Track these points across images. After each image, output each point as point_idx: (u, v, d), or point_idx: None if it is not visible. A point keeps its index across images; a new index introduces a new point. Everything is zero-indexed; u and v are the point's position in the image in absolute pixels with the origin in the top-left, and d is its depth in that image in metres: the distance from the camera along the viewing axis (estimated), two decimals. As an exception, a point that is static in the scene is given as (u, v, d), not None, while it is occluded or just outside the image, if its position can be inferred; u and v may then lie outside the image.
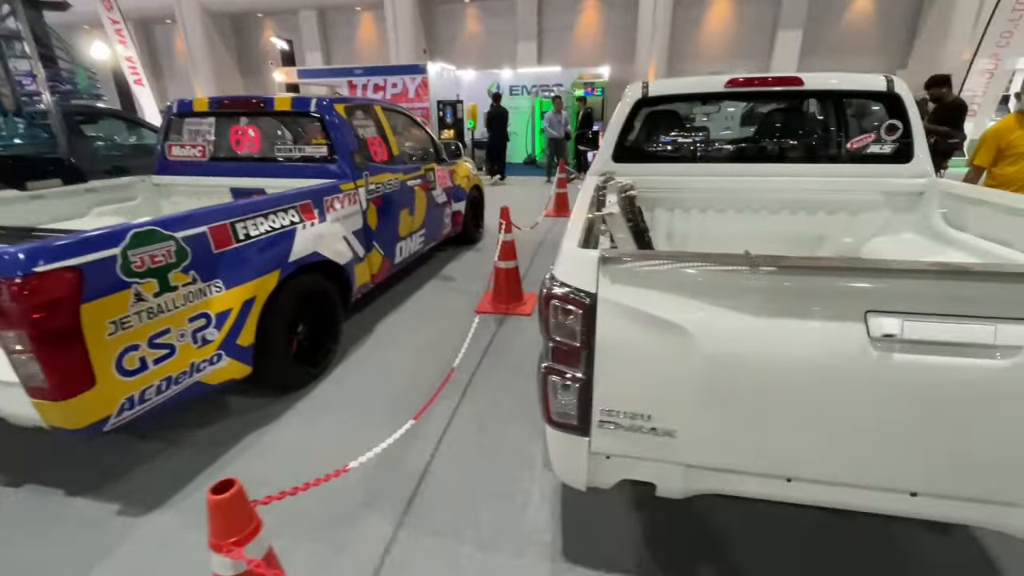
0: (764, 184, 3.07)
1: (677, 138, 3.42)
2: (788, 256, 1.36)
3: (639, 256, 1.40)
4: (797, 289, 1.32)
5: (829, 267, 1.30)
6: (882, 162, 2.97)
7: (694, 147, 3.35)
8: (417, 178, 4.88)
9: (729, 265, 1.33)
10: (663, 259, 1.37)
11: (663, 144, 3.39)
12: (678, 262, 1.36)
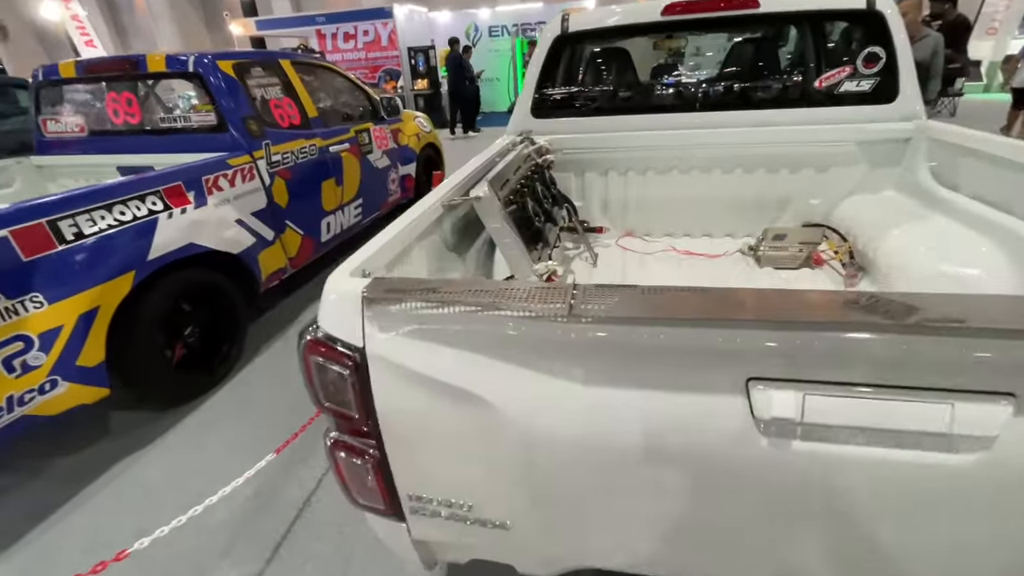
0: (714, 137, 2.50)
1: (609, 85, 2.81)
2: (630, 287, 0.88)
3: (416, 292, 0.92)
4: (640, 346, 0.84)
5: (687, 317, 0.82)
6: (859, 103, 2.38)
7: (629, 95, 2.75)
8: (344, 142, 4.30)
9: (538, 311, 0.85)
10: (448, 302, 0.89)
11: (592, 93, 2.79)
12: (464, 306, 0.88)
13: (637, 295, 0.85)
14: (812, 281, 2.26)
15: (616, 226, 2.89)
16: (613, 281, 2.39)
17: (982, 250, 1.83)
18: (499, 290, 0.88)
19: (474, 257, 1.87)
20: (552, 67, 2.62)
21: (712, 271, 2.42)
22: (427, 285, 0.93)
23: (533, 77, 2.62)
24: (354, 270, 1.06)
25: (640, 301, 0.84)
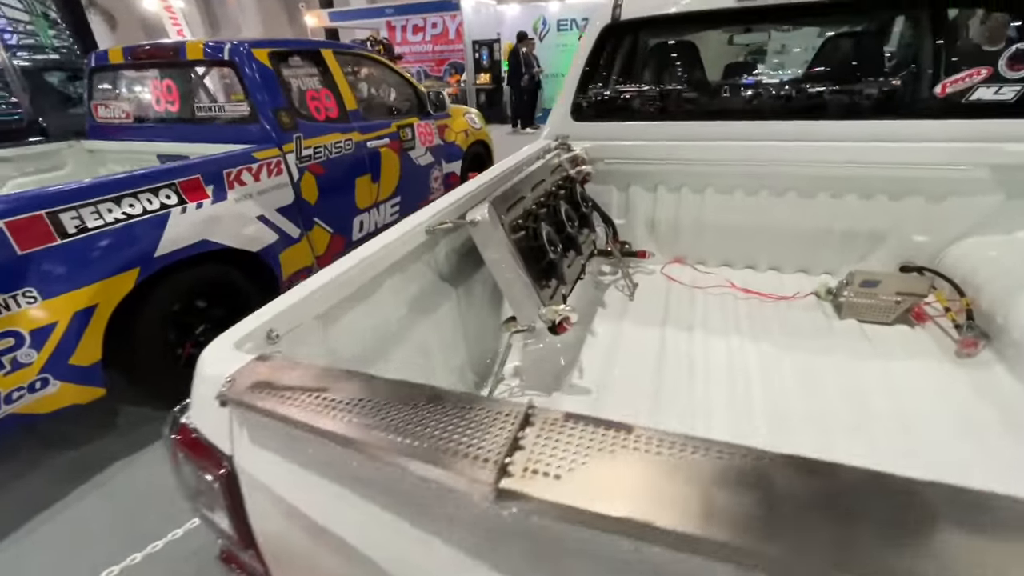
0: (795, 153, 2.03)
1: (668, 85, 2.39)
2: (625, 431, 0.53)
3: (287, 393, 0.61)
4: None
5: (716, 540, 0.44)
6: (996, 115, 1.83)
7: (692, 98, 2.32)
8: (384, 137, 4.11)
9: (444, 480, 0.52)
10: (316, 425, 0.58)
11: (646, 95, 2.38)
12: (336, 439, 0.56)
13: (636, 460, 0.50)
14: (910, 343, 1.76)
15: (664, 251, 2.47)
16: (652, 320, 2.06)
17: None
18: (403, 424, 0.55)
19: (479, 289, 1.56)
20: (599, 62, 2.24)
21: (778, 318, 1.96)
22: (317, 380, 0.62)
23: (576, 74, 2.25)
24: (249, 335, 0.77)
25: (638, 473, 0.48)
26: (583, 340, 1.88)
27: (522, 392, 1.61)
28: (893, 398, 1.50)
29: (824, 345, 1.77)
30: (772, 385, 1.57)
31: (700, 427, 1.43)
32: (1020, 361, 1.52)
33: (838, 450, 1.33)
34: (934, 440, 1.34)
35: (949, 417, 1.42)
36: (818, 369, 1.64)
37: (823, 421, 1.43)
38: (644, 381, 1.63)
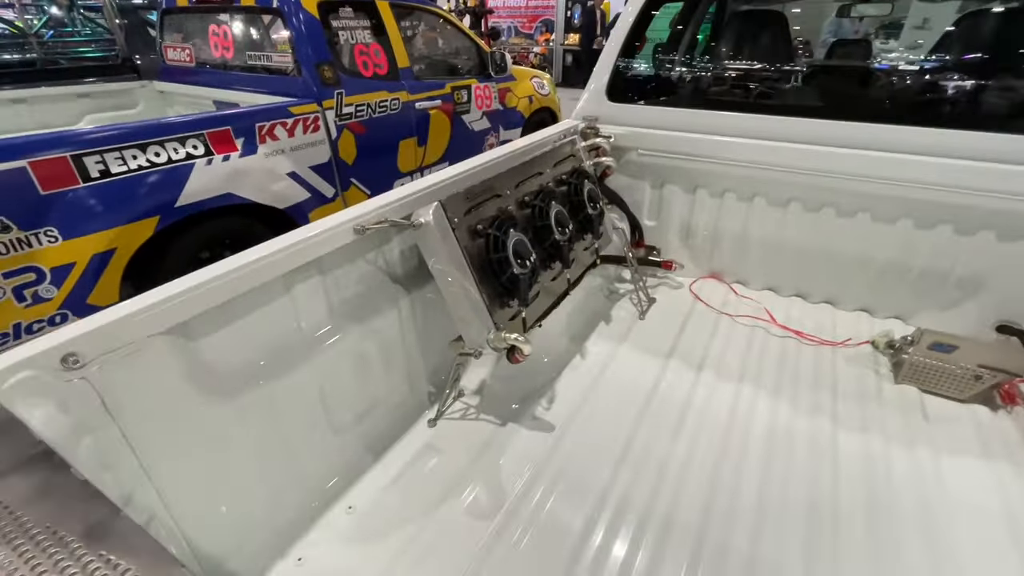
0: (875, 166, 1.60)
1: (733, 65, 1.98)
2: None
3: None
4: None
5: None
6: None
7: (751, 84, 1.90)
8: (435, 98, 3.93)
9: None
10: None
11: (700, 75, 1.98)
12: None
13: None
14: (985, 433, 1.35)
15: (698, 263, 2.11)
16: (657, 348, 1.75)
17: None
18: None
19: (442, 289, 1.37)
20: (644, 30, 1.88)
21: (814, 369, 1.60)
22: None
23: (616, 43, 1.91)
24: (27, 361, 0.65)
25: None
26: (568, 361, 1.64)
27: (476, 415, 1.43)
28: (930, 510, 1.15)
29: (862, 416, 1.41)
30: (774, 463, 1.27)
31: (667, 494, 1.18)
32: None
33: (834, 564, 1.03)
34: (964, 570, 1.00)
35: (1004, 539, 1.06)
36: (843, 450, 1.30)
37: (828, 519, 1.12)
38: (622, 423, 1.39)
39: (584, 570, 1.02)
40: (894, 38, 4.71)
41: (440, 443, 1.35)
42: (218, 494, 0.99)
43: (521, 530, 1.10)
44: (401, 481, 1.25)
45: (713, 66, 2.04)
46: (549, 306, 1.48)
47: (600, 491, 1.19)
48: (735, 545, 1.07)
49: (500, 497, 1.19)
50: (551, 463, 1.27)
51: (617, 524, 1.11)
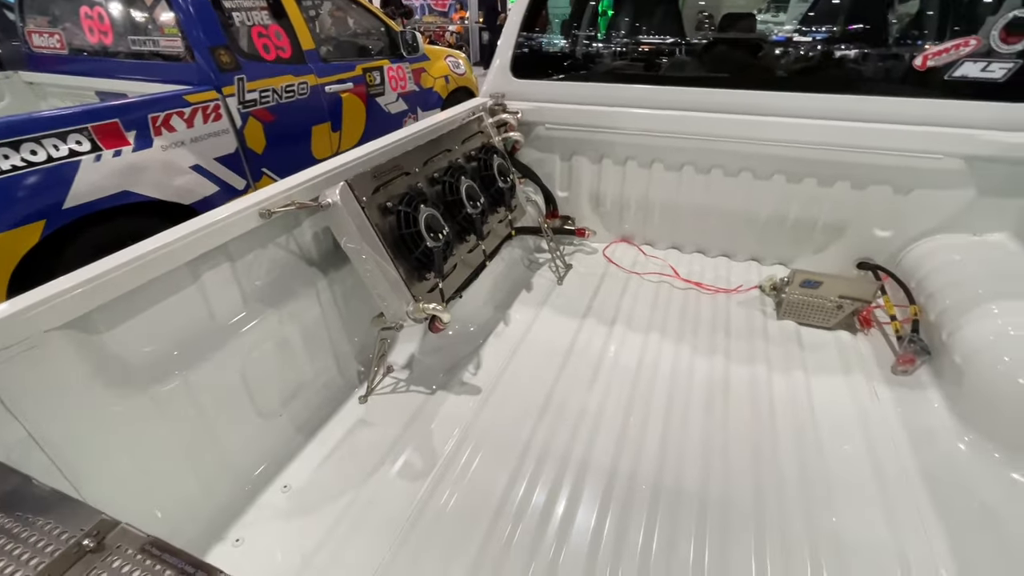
0: (748, 128, 1.79)
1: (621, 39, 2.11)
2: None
3: None
4: None
5: None
6: (978, 97, 1.57)
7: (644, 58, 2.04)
8: (346, 81, 3.82)
9: None
10: None
11: (596, 51, 2.10)
12: None
13: None
14: (846, 353, 1.59)
15: (610, 229, 2.26)
16: (574, 310, 1.89)
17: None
18: None
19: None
20: (542, 7, 1.95)
21: (711, 314, 1.79)
22: None
23: (516, 20, 1.97)
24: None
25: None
26: (492, 330, 1.73)
27: (406, 388, 1.49)
28: (804, 418, 1.36)
29: (750, 349, 1.61)
30: (677, 396, 1.43)
31: (584, 437, 1.31)
32: (956, 385, 1.35)
33: (725, 477, 1.20)
34: (829, 475, 1.20)
35: (860, 446, 1.28)
36: (734, 377, 1.49)
37: (720, 441, 1.29)
38: (543, 382, 1.50)
39: (508, 520, 1.11)
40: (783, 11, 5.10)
41: (372, 417, 1.40)
42: (144, 486, 0.99)
43: (451, 489, 1.18)
44: (335, 457, 1.28)
45: (611, 41, 2.16)
46: (468, 277, 1.55)
47: (523, 445, 1.29)
48: (643, 472, 1.21)
49: (431, 460, 1.26)
50: (478, 424, 1.36)
51: (539, 473, 1.22)
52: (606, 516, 1.12)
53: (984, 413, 1.27)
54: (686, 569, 1.01)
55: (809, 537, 1.07)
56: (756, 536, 1.07)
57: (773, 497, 1.15)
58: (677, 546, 1.05)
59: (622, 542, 1.06)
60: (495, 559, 1.03)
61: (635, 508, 1.13)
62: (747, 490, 1.17)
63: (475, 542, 1.06)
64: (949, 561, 1.02)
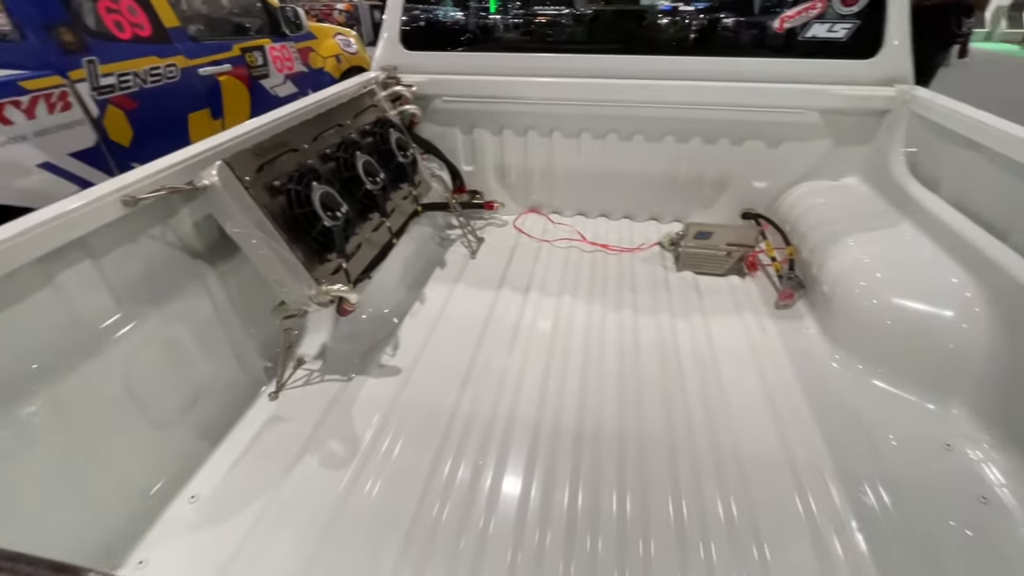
0: (640, 92, 1.87)
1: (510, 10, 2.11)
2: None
3: None
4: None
5: None
6: (830, 55, 1.76)
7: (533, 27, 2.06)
8: (223, 63, 3.48)
9: None
10: None
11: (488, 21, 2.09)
12: None
13: None
14: (737, 295, 1.75)
15: (518, 200, 2.29)
16: (488, 282, 1.89)
17: (952, 282, 1.33)
18: None
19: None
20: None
21: (618, 272, 1.88)
22: None
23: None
24: None
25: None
26: (408, 309, 1.69)
27: (321, 378, 1.42)
28: (705, 356, 1.47)
29: (654, 301, 1.71)
30: (592, 351, 1.50)
31: (507, 400, 1.33)
32: (826, 311, 1.53)
33: (639, 419, 1.28)
34: (729, 403, 1.32)
35: (753, 375, 1.41)
36: (642, 328, 1.59)
37: (633, 387, 1.37)
38: (463, 353, 1.49)
39: (435, 498, 1.10)
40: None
41: (285, 413, 1.32)
42: (14, 522, 0.86)
43: (375, 476, 1.15)
44: (247, 459, 1.20)
45: (503, 11, 2.15)
46: (375, 257, 1.50)
47: (447, 418, 1.28)
48: (564, 428, 1.26)
49: (352, 449, 1.22)
50: (399, 405, 1.33)
51: (464, 445, 1.21)
52: (532, 477, 1.14)
53: (848, 333, 1.46)
54: (610, 517, 1.06)
55: (716, 461, 1.17)
56: (670, 471, 1.15)
57: (683, 431, 1.25)
58: (600, 496, 1.10)
59: (549, 501, 1.09)
60: (423, 540, 1.02)
61: (560, 466, 1.16)
62: (660, 428, 1.26)
63: (402, 527, 1.04)
64: (828, 461, 1.16)
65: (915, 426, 1.24)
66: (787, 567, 0.96)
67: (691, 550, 0.99)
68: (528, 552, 1.00)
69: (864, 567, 0.95)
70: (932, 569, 0.96)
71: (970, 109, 1.46)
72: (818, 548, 0.99)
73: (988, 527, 1.02)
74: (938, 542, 1.00)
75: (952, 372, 1.27)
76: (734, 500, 1.08)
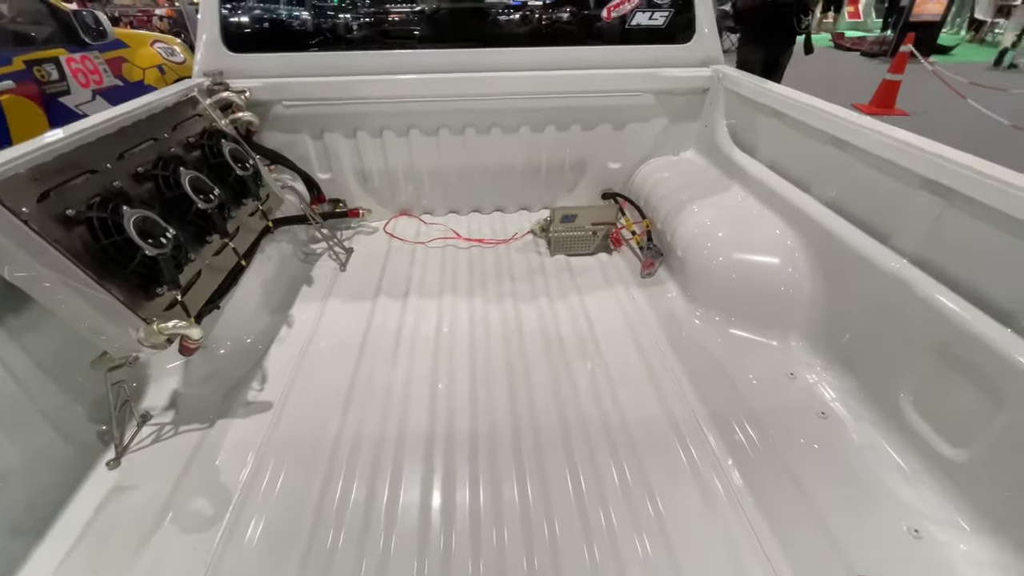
0: (490, 84, 1.89)
1: (339, 6, 2.01)
2: None
3: None
4: None
5: None
6: (655, 41, 1.92)
7: (375, 24, 1.99)
8: (1, 79, 2.88)
9: None
10: None
11: (321, 18, 1.97)
12: None
13: None
14: (607, 270, 1.85)
15: (387, 205, 2.19)
16: (362, 293, 1.74)
17: (776, 233, 1.53)
18: None
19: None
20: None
21: (496, 264, 1.89)
22: None
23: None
24: None
25: None
26: (274, 335, 1.53)
27: (175, 430, 1.22)
28: (584, 331, 1.53)
29: (532, 287, 1.75)
30: (478, 345, 1.48)
31: (395, 414, 1.26)
32: (682, 274, 1.68)
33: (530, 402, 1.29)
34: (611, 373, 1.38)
35: (628, 341, 1.50)
36: (524, 316, 1.60)
37: (521, 372, 1.38)
38: (342, 373, 1.39)
39: (327, 527, 1.01)
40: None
41: (132, 479, 1.12)
42: None
43: (256, 518, 1.03)
44: (85, 543, 0.99)
45: (338, 7, 2.03)
46: (221, 283, 1.33)
47: (331, 443, 1.18)
48: (458, 428, 1.22)
49: (225, 498, 1.07)
50: (275, 439, 1.20)
51: (354, 466, 1.13)
52: (431, 485, 1.09)
53: (703, 290, 1.61)
54: (513, 508, 1.05)
55: (606, 431, 1.21)
56: (566, 450, 1.17)
57: (572, 409, 1.28)
58: (502, 489, 1.09)
59: (450, 504, 1.06)
60: (320, 573, 0.93)
61: (458, 468, 1.13)
62: (552, 411, 1.27)
63: (293, 564, 0.94)
64: (701, 408, 1.27)
65: (765, 362, 1.41)
66: (678, 514, 1.02)
67: (593, 520, 1.02)
68: (434, 559, 0.95)
69: (743, 498, 1.05)
70: (792, 484, 1.08)
71: (771, 84, 1.69)
72: (703, 492, 1.07)
73: (828, 438, 1.19)
74: (793, 460, 1.13)
75: (786, 311, 1.46)
76: (627, 465, 1.13)
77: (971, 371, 0.98)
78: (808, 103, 1.48)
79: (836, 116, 1.36)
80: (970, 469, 0.99)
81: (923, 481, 1.06)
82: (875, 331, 1.23)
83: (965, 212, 1.04)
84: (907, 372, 1.13)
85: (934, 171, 1.07)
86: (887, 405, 1.17)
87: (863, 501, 1.04)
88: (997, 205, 0.95)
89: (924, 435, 1.08)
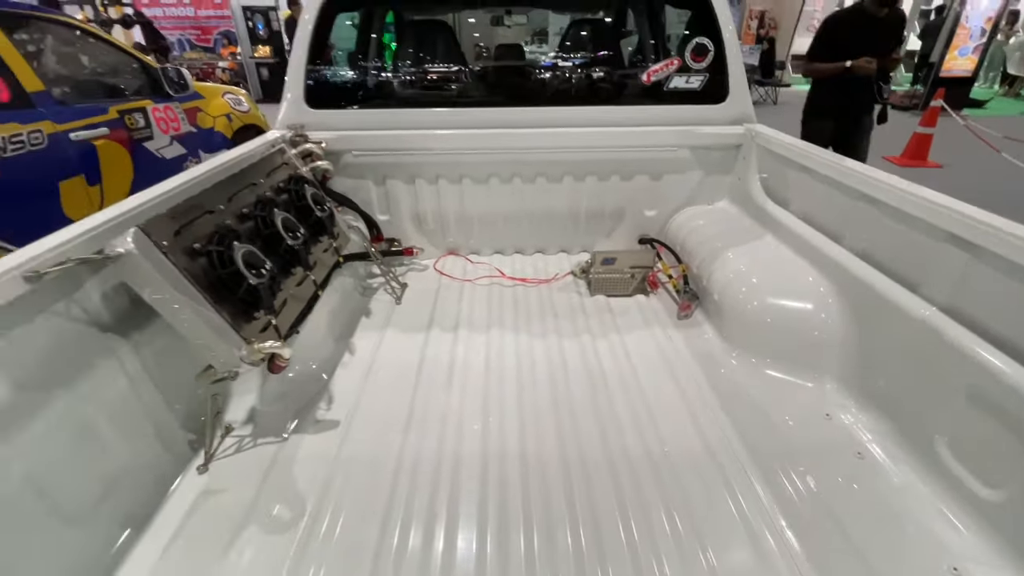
0: (534, 139, 2.07)
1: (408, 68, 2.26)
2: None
3: None
4: None
5: None
6: (691, 102, 2.09)
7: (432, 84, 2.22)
8: (99, 126, 3.25)
9: None
10: None
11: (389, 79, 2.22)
12: None
13: None
14: (645, 311, 1.95)
15: (437, 245, 2.37)
16: (416, 325, 1.87)
17: (809, 280, 1.62)
18: None
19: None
20: (326, 39, 1.98)
21: (539, 302, 2.01)
22: None
23: (301, 53, 1.96)
24: None
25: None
26: (339, 361, 1.68)
27: (253, 443, 1.36)
28: (625, 369, 1.62)
29: (575, 326, 1.86)
30: (524, 379, 1.58)
31: (451, 442, 1.36)
32: (719, 317, 1.77)
33: (577, 439, 1.37)
34: (652, 410, 1.46)
35: (667, 380, 1.58)
36: (567, 352, 1.71)
37: (567, 408, 1.47)
38: (401, 398, 1.51)
39: (392, 536, 1.09)
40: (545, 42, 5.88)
41: (218, 485, 1.25)
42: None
43: (329, 522, 1.13)
44: (179, 542, 1.11)
45: (400, 70, 2.28)
46: (301, 311, 1.49)
47: (393, 467, 1.28)
48: (510, 463, 1.29)
49: (301, 502, 1.18)
50: (341, 457, 1.31)
51: (412, 501, 1.20)
52: (486, 528, 1.13)
53: (739, 332, 1.69)
54: (567, 553, 1.07)
55: (652, 468, 1.25)
56: (616, 490, 1.20)
57: (618, 446, 1.33)
58: (555, 533, 1.11)
59: (505, 549, 1.08)
60: (389, 571, 1.02)
61: (511, 510, 1.17)
62: (598, 448, 1.33)
63: (366, 563, 1.03)
64: (739, 444, 1.33)
65: (801, 403, 1.47)
66: (731, 571, 1.03)
67: (646, 570, 1.03)
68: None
69: (792, 551, 1.06)
70: (837, 530, 1.10)
71: (802, 143, 1.82)
72: (756, 548, 1.08)
73: (866, 478, 1.23)
74: (836, 503, 1.16)
75: (820, 354, 1.53)
76: (677, 515, 1.15)
77: (1002, 414, 1.04)
78: (834, 160, 1.60)
79: (862, 174, 1.47)
80: (1008, 508, 1.03)
81: (961, 521, 1.09)
82: (907, 375, 1.29)
83: (990, 266, 1.12)
84: (940, 415, 1.18)
85: (957, 227, 1.17)
86: (922, 445, 1.22)
87: (905, 542, 1.08)
88: (1019, 260, 1.03)
89: (960, 476, 1.12)
